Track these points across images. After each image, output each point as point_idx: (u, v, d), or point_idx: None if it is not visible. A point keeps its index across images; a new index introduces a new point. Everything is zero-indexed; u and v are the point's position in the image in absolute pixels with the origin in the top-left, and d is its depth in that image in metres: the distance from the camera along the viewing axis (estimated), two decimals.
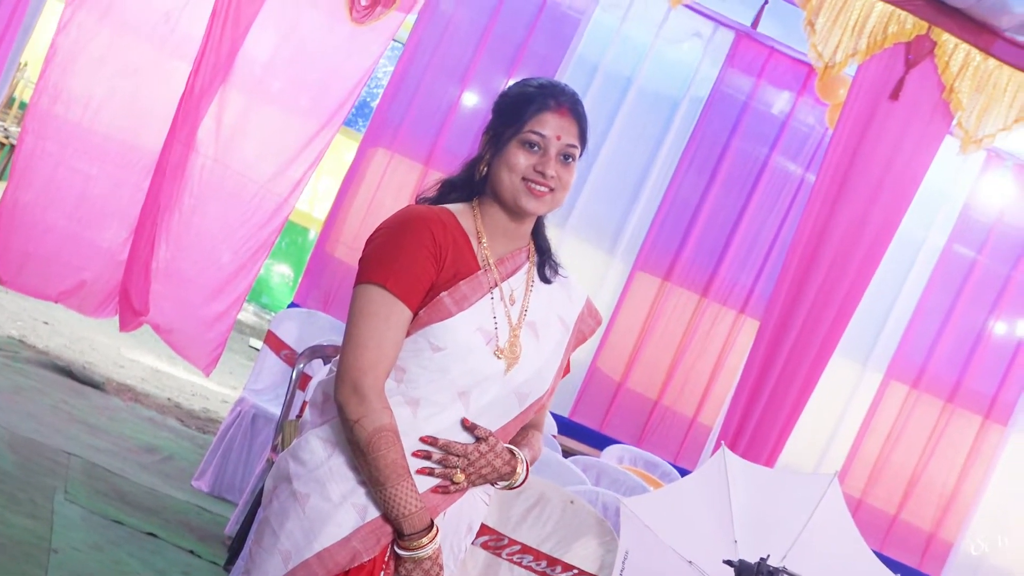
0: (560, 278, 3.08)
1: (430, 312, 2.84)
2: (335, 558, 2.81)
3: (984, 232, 8.76)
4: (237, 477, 6.64)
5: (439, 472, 2.85)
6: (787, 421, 6.61)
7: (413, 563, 2.81)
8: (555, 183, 2.89)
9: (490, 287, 2.91)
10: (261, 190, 7.83)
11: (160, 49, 7.83)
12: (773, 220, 8.79)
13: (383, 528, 2.82)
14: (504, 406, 2.93)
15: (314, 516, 2.82)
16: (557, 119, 2.91)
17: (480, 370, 2.87)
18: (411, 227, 2.85)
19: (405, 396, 2.85)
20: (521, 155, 2.89)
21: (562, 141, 2.90)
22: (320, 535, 2.81)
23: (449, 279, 2.85)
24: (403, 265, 2.81)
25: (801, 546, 4.03)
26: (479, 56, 8.47)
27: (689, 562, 4.09)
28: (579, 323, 3.12)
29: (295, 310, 7.35)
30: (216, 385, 9.46)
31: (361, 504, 2.82)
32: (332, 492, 2.83)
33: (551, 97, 2.92)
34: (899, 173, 6.58)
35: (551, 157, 2.89)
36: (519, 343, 2.93)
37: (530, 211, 2.91)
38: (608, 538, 4.41)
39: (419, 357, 2.84)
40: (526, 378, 2.94)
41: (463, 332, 2.84)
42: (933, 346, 8.74)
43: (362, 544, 2.82)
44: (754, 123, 8.88)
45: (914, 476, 8.71)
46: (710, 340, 8.78)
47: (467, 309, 2.86)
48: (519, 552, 4.33)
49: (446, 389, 2.85)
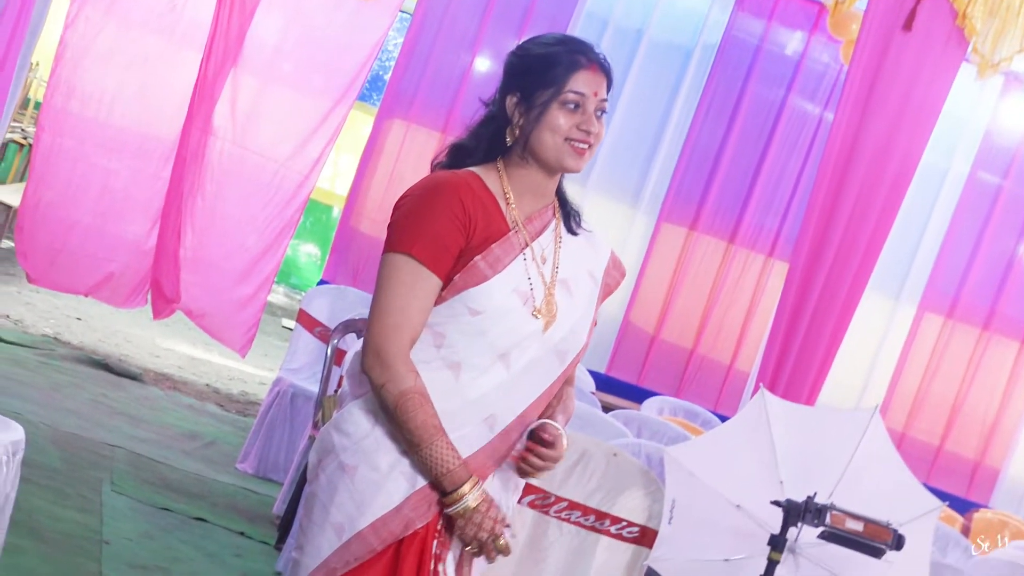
0: (584, 231, 3.07)
1: (465, 277, 2.83)
2: (389, 527, 2.82)
3: (1008, 157, 8.70)
4: (281, 456, 6.67)
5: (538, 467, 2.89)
6: (824, 360, 6.60)
7: (463, 517, 2.81)
8: (595, 139, 2.90)
9: (521, 248, 2.90)
10: (281, 169, 7.84)
11: (169, 38, 7.84)
12: (795, 161, 8.76)
13: (432, 494, 2.83)
14: (545, 366, 2.93)
15: (364, 487, 2.83)
16: (591, 76, 2.89)
17: (518, 330, 2.87)
18: (438, 193, 2.84)
19: (446, 361, 2.84)
20: (562, 116, 2.87)
21: (598, 97, 2.90)
22: (372, 505, 2.82)
23: (481, 243, 2.84)
24: (430, 233, 2.80)
25: (847, 481, 4.03)
26: (487, 20, 8.45)
27: (737, 506, 4.09)
28: (605, 276, 3.10)
29: (325, 287, 7.37)
30: (253, 368, 9.50)
31: (409, 472, 2.82)
32: (380, 462, 2.83)
33: (581, 54, 2.91)
34: (918, 104, 6.54)
35: (591, 115, 2.89)
36: (554, 301, 2.92)
37: (574, 169, 2.91)
38: (654, 488, 4.42)
39: (457, 321, 2.84)
40: (563, 335, 2.93)
41: (499, 294, 2.84)
42: (965, 275, 8.71)
43: (414, 511, 2.82)
44: (768, 66, 8.84)
45: (955, 406, 8.69)
46: (741, 286, 8.77)
47: (501, 272, 2.85)
48: (566, 508, 4.35)
49: (486, 352, 2.85)
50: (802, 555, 4.06)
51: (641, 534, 4.37)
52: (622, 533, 4.36)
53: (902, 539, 3.71)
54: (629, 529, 4.37)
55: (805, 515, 3.76)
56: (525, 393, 2.91)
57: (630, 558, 4.38)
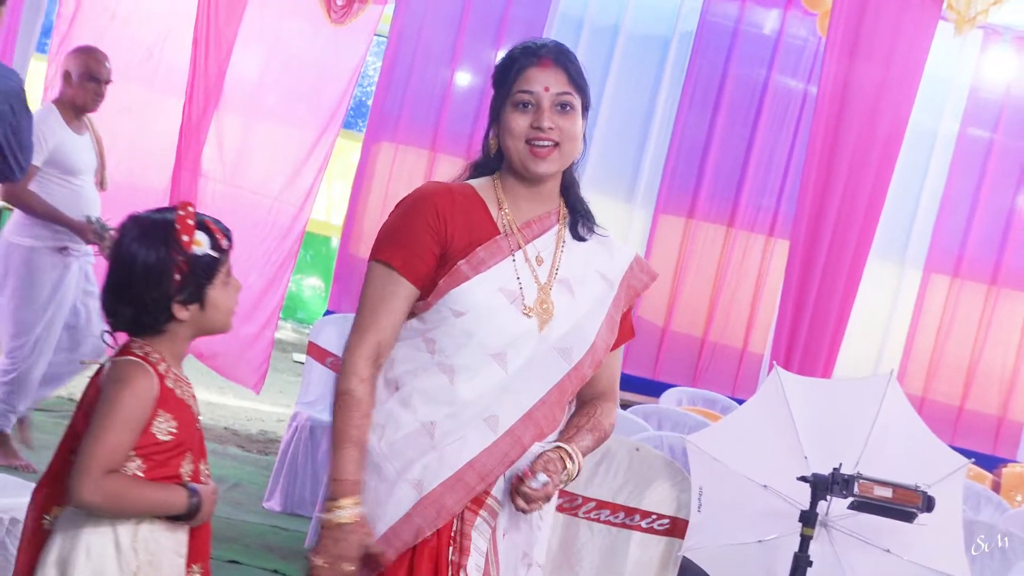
0: (598, 236, 3.07)
1: (448, 280, 2.87)
2: (400, 536, 2.83)
3: (996, 110, 8.69)
4: (307, 490, 6.67)
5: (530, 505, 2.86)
6: (835, 333, 6.59)
7: (328, 528, 2.78)
8: (557, 135, 2.88)
9: (511, 250, 2.92)
10: (275, 204, 7.85)
11: (150, 86, 7.88)
12: (784, 138, 8.75)
13: (440, 500, 2.84)
14: (547, 364, 2.93)
15: (374, 498, 2.85)
16: (540, 72, 2.90)
17: (509, 330, 2.88)
18: (414, 203, 2.93)
19: (440, 366, 2.88)
20: (517, 118, 2.90)
21: (551, 91, 2.89)
22: (384, 515, 2.84)
23: (463, 247, 2.88)
24: (403, 240, 2.88)
25: (871, 449, 4.03)
26: (463, 33, 8.47)
27: (764, 486, 4.09)
28: (628, 279, 3.10)
29: (332, 316, 7.36)
30: (269, 406, 9.50)
31: (416, 479, 2.85)
32: (387, 471, 2.86)
33: (531, 54, 2.92)
34: (899, 67, 6.53)
35: (545, 110, 2.88)
36: (550, 300, 2.93)
37: (539, 173, 2.92)
38: (680, 478, 4.42)
39: (444, 325, 2.88)
40: (564, 332, 2.93)
41: (481, 293, 2.87)
42: (966, 232, 8.70)
43: (422, 519, 2.83)
44: (747, 47, 8.84)
45: (972, 364, 8.67)
46: (744, 268, 8.76)
47: (484, 272, 2.88)
48: (595, 508, 4.35)
49: (476, 353, 2.87)
50: (834, 528, 4.06)
51: (672, 525, 4.37)
52: (653, 526, 4.36)
53: (932, 501, 3.71)
54: (660, 522, 4.37)
55: (833, 487, 3.76)
56: (528, 392, 2.91)
57: (664, 550, 4.38)
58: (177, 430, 2.72)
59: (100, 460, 2.61)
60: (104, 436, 2.62)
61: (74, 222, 6.25)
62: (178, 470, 2.74)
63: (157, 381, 2.70)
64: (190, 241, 2.71)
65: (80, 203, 6.31)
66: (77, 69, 6.38)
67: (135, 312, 2.73)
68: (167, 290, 2.70)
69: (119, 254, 2.73)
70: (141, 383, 2.67)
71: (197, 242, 2.72)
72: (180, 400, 2.76)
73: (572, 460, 2.92)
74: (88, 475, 2.60)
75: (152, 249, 2.70)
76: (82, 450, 2.63)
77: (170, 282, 2.70)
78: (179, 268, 2.70)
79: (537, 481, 2.83)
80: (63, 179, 6.31)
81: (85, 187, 6.40)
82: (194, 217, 2.75)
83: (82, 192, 6.37)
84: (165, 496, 2.70)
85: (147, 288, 2.69)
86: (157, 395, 2.69)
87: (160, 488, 2.69)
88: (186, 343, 2.79)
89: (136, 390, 2.66)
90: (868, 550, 4.05)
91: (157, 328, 2.75)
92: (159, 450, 2.70)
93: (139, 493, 2.66)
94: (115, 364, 2.72)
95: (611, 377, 3.15)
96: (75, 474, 2.62)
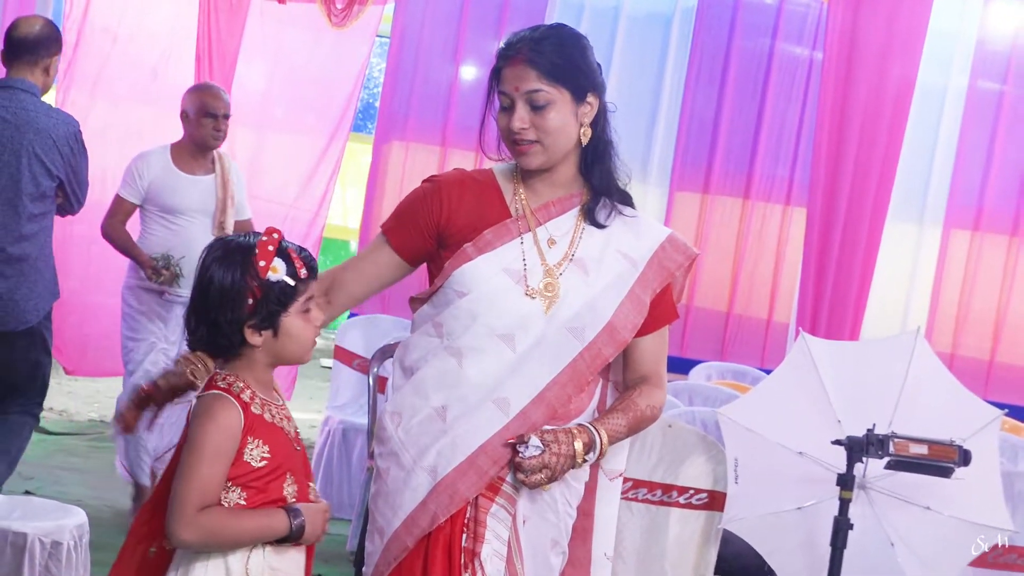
0: (624, 217, 3.07)
1: (453, 261, 2.93)
2: (418, 523, 2.87)
3: (1004, 61, 8.63)
4: (343, 493, 6.68)
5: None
6: (859, 296, 6.60)
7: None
8: (532, 133, 2.91)
9: (520, 232, 2.96)
10: (291, 211, 7.88)
11: (156, 107, 7.89)
12: (794, 106, 8.71)
13: (453, 485, 2.86)
14: (558, 345, 2.93)
15: (393, 487, 2.90)
16: (511, 71, 2.92)
17: (513, 311, 2.91)
18: (420, 186, 3.06)
19: (449, 349, 2.91)
20: (501, 117, 2.96)
21: (521, 91, 2.91)
22: (403, 504, 2.89)
23: (469, 230, 2.94)
24: (396, 213, 3.05)
25: (903, 408, 4.02)
26: (464, 26, 8.46)
27: (799, 453, 4.09)
28: (658, 259, 3.09)
29: (356, 319, 7.36)
30: (300, 412, 9.46)
31: (430, 466, 2.88)
32: (404, 459, 2.91)
33: (503, 54, 2.96)
34: (904, 25, 6.53)
35: (516, 110, 2.91)
36: (558, 283, 2.94)
37: (526, 167, 2.97)
38: (714, 451, 4.42)
39: (450, 307, 2.92)
40: (575, 312, 2.93)
41: (484, 273, 2.90)
42: (983, 186, 8.64)
43: (437, 504, 2.86)
44: (750, 17, 8.80)
45: (999, 317, 8.62)
46: (763, 239, 8.72)
47: (488, 252, 2.92)
48: (631, 488, 4.36)
49: (483, 334, 2.90)
50: (872, 489, 4.06)
51: (710, 499, 4.37)
52: (691, 501, 4.37)
53: (968, 454, 3.71)
54: (697, 496, 4.38)
55: (868, 448, 3.76)
56: (540, 373, 2.91)
57: (704, 524, 4.39)
58: (271, 454, 2.71)
59: (192, 498, 2.62)
60: (193, 473, 2.63)
61: (140, 256, 6.17)
62: (281, 493, 2.74)
63: (240, 411, 2.69)
64: (266, 267, 2.69)
65: (178, 242, 6.16)
66: (193, 107, 6.24)
67: (210, 333, 2.73)
68: (240, 314, 2.69)
69: (201, 274, 2.73)
70: (224, 415, 2.67)
71: (274, 268, 2.70)
72: (271, 424, 2.75)
73: (586, 436, 2.89)
74: (182, 515, 2.61)
75: (229, 272, 2.69)
76: (174, 490, 2.65)
77: (243, 306, 2.69)
78: (252, 293, 2.69)
79: (528, 449, 2.82)
80: (162, 217, 6.20)
81: (189, 227, 6.21)
82: (276, 244, 2.72)
83: (182, 232, 6.19)
84: (266, 522, 2.69)
85: (221, 310, 2.69)
86: (243, 424, 2.68)
87: (258, 515, 2.69)
88: (266, 370, 2.77)
89: (220, 423, 2.66)
90: (908, 509, 4.05)
91: (232, 351, 2.74)
92: (256, 476, 2.70)
93: (237, 524, 2.66)
94: (199, 400, 2.73)
95: (653, 361, 3.14)
96: (169, 515, 2.63)
